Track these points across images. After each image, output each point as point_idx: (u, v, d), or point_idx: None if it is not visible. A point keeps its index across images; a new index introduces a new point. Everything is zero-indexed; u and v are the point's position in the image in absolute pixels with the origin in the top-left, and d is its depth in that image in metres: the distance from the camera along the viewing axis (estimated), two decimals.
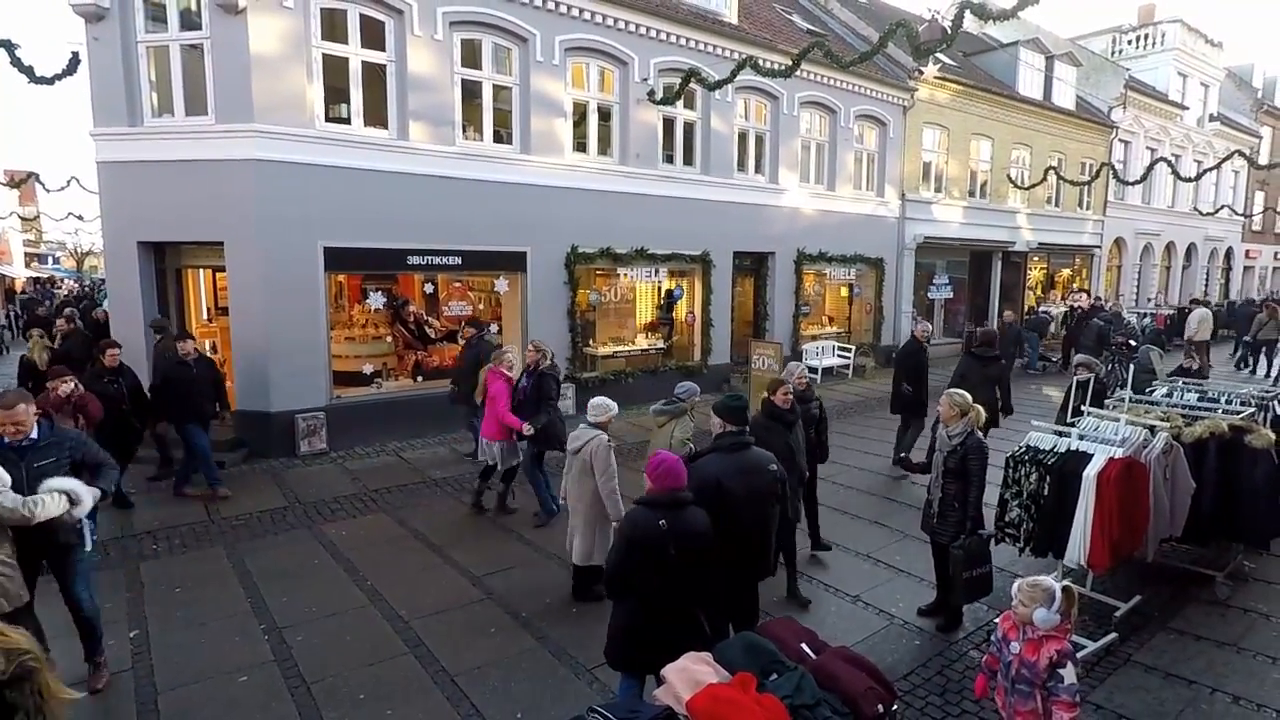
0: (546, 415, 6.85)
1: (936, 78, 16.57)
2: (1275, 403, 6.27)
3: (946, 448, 4.84)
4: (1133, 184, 20.44)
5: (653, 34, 11.76)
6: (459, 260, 10.23)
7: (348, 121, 9.41)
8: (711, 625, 3.60)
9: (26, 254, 38.77)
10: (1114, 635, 4.83)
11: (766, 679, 2.63)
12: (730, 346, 13.77)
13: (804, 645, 2.95)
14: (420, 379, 10.63)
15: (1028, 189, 19.13)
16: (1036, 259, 21.25)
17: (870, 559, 6.25)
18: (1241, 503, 5.36)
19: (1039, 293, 21.59)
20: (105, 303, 12.64)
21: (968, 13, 8.11)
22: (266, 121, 8.50)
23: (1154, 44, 25.40)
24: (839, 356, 15.20)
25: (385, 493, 7.89)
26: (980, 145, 18.44)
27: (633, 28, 11.51)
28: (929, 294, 17.36)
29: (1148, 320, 18.89)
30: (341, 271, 9.86)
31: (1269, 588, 5.74)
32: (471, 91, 10.34)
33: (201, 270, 10.44)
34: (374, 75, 9.47)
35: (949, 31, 8.41)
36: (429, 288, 10.77)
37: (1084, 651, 4.50)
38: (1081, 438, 5.07)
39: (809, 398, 6.21)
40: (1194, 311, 16.62)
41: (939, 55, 16.28)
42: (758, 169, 13.99)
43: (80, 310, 12.85)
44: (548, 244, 10.98)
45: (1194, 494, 5.30)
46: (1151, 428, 5.19)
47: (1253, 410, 5.95)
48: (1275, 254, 32.80)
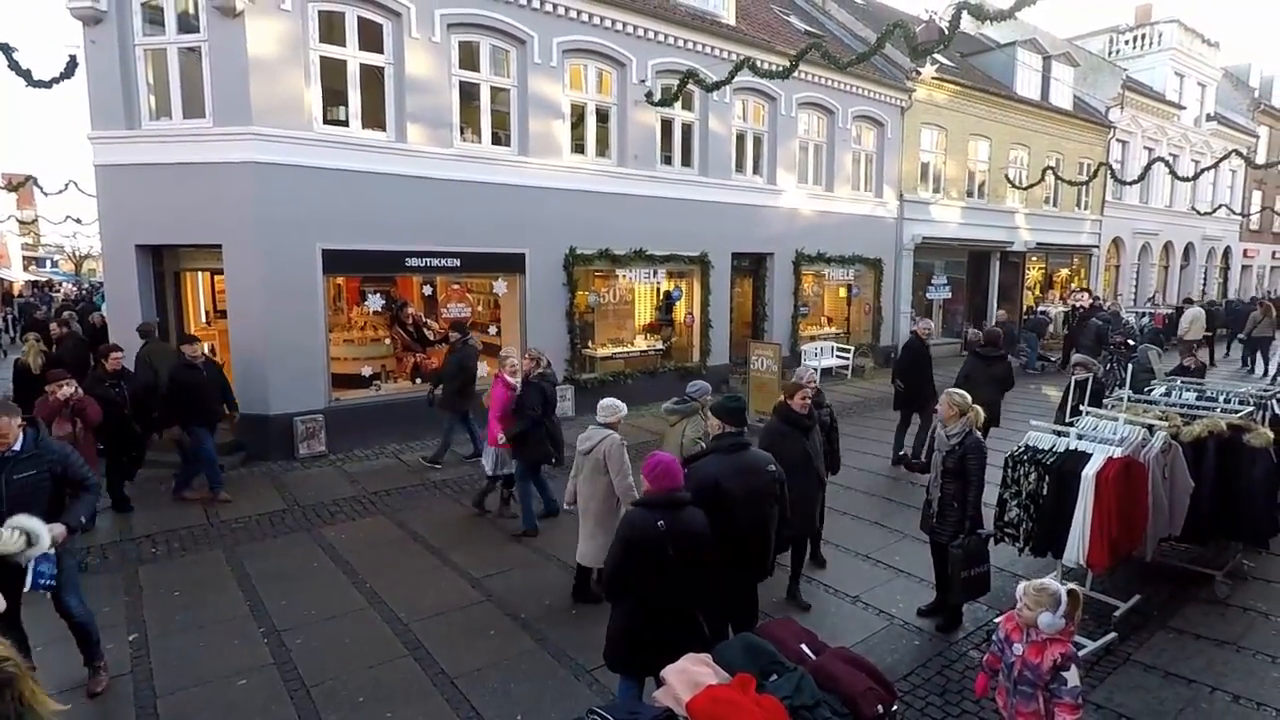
0: (523, 425, 6.51)
1: (934, 78, 16.59)
2: (1273, 401, 6.28)
3: (945, 447, 4.85)
4: (1130, 184, 20.47)
5: (650, 35, 11.78)
6: (457, 262, 10.24)
7: (346, 124, 9.41)
8: (711, 626, 3.60)
9: (24, 257, 38.75)
10: (1113, 634, 4.84)
11: (766, 680, 2.63)
12: (729, 347, 13.77)
13: (803, 646, 2.96)
14: (419, 381, 10.60)
15: (1026, 189, 19.16)
16: (1034, 259, 21.28)
17: (870, 559, 6.25)
18: (1240, 501, 5.38)
19: (1037, 293, 21.61)
20: (103, 307, 12.63)
21: (965, 13, 8.11)
22: (264, 124, 8.50)
23: (1151, 44, 25.46)
24: (838, 357, 15.20)
25: (384, 495, 7.89)
26: (978, 145, 18.47)
27: (630, 29, 11.52)
28: (927, 294, 17.38)
29: (1146, 320, 18.91)
30: (340, 274, 9.87)
31: (1268, 586, 5.75)
32: (469, 93, 10.35)
33: (200, 273, 10.43)
34: (372, 77, 9.47)
35: (946, 32, 8.42)
36: (427, 290, 10.77)
37: (1084, 651, 4.50)
38: (1080, 437, 5.08)
39: (820, 403, 6.07)
40: (1186, 311, 16.66)
41: (936, 56, 16.30)
42: (756, 170, 14.00)
43: (78, 314, 12.82)
44: (546, 246, 10.98)
45: (1193, 493, 5.30)
46: (1150, 427, 5.19)
47: (1251, 409, 5.97)
48: (1273, 253, 32.87)
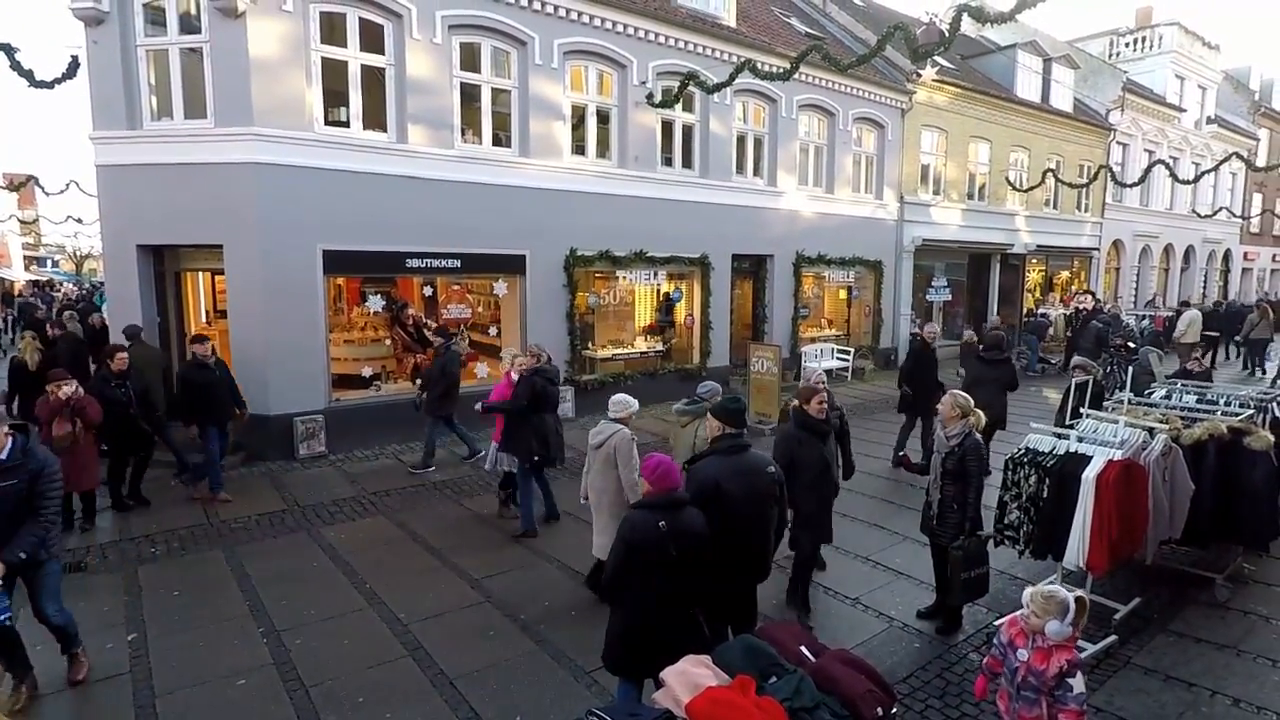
0: (499, 407, 6.67)
1: (934, 80, 16.60)
2: (1274, 405, 6.27)
3: (945, 449, 4.84)
4: (1131, 186, 20.45)
5: (651, 37, 11.79)
6: (458, 263, 10.24)
7: (347, 125, 9.41)
8: (710, 628, 3.59)
9: (25, 257, 38.77)
10: (1113, 637, 4.84)
11: (766, 682, 2.63)
12: (729, 349, 13.77)
13: (803, 648, 2.95)
14: (419, 382, 10.58)
15: (1026, 191, 19.17)
16: (1035, 261, 21.27)
17: (869, 561, 6.25)
18: (1241, 504, 5.37)
19: (1037, 295, 21.60)
20: (104, 307, 12.62)
21: (965, 16, 8.12)
22: (266, 125, 8.51)
23: (1152, 47, 25.47)
24: (838, 359, 15.20)
25: (384, 495, 7.89)
26: (978, 148, 18.47)
27: (631, 31, 11.53)
28: (927, 296, 17.37)
29: (1146, 322, 18.91)
30: (340, 274, 9.87)
31: (1269, 590, 5.74)
32: (470, 95, 10.35)
33: (200, 273, 10.43)
34: (373, 78, 9.48)
35: (947, 34, 8.42)
36: (428, 290, 10.77)
37: (1084, 654, 4.48)
38: (1080, 440, 5.08)
39: (832, 404, 5.89)
40: (1184, 314, 16.66)
41: (937, 58, 16.29)
42: (756, 171, 14.01)
43: (79, 314, 12.80)
44: (546, 247, 10.99)
45: (1193, 496, 5.29)
46: (1150, 430, 5.19)
47: (1251, 412, 5.96)
48: (1273, 256, 32.87)
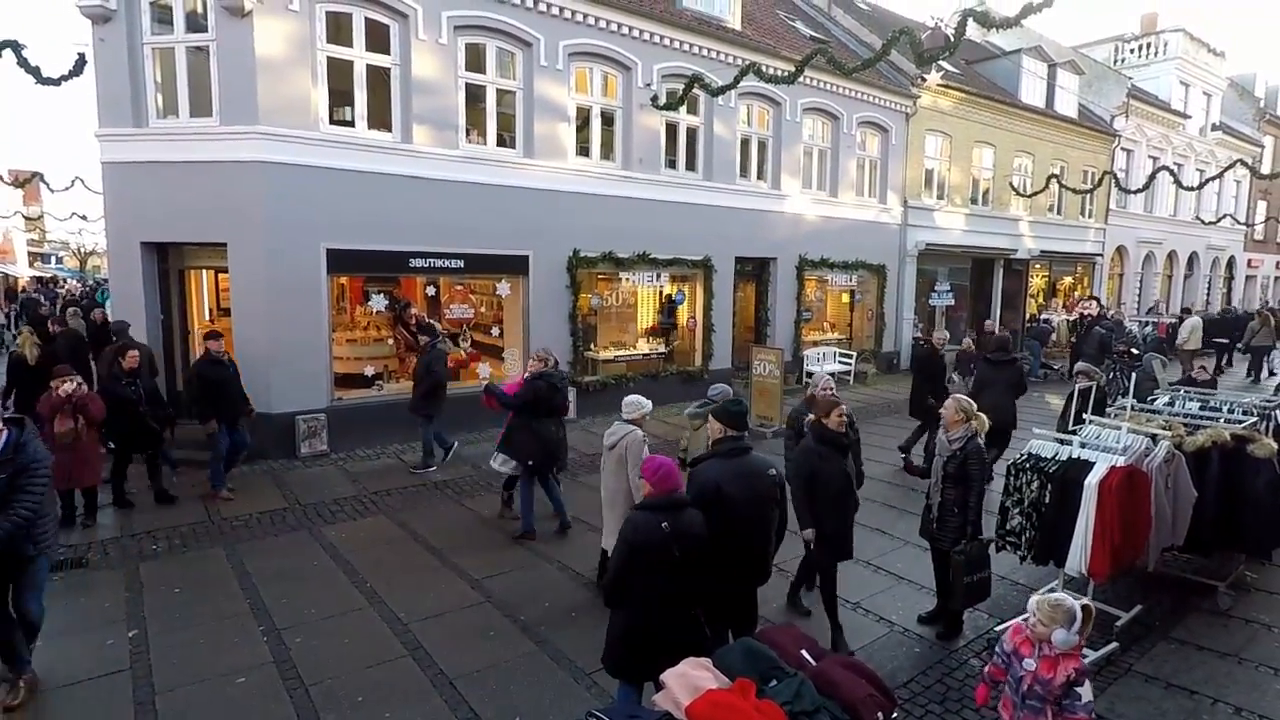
0: (505, 401, 6.68)
1: (939, 85, 16.61)
2: (1278, 412, 6.26)
3: (947, 452, 4.84)
4: (1135, 192, 20.36)
5: (656, 39, 11.80)
6: (461, 263, 10.25)
7: (352, 124, 9.44)
8: (710, 630, 3.59)
9: (30, 253, 38.89)
10: (1115, 645, 4.82)
11: (766, 685, 2.62)
12: (731, 352, 13.76)
13: (804, 652, 2.94)
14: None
15: (1030, 196, 19.14)
16: (1038, 266, 21.24)
17: (870, 566, 6.23)
18: (1244, 512, 5.35)
19: (1040, 300, 21.57)
20: (106, 303, 12.63)
21: (970, 20, 8.13)
22: (271, 124, 8.53)
23: (1156, 53, 25.45)
24: (840, 363, 15.18)
25: (385, 495, 7.89)
26: (982, 152, 18.46)
27: (636, 33, 11.55)
28: (930, 301, 17.33)
29: (1149, 329, 18.87)
30: (344, 273, 9.89)
31: (1271, 598, 5.72)
32: (475, 95, 10.37)
33: (204, 271, 10.44)
34: (378, 78, 9.50)
35: (952, 39, 8.42)
36: (431, 290, 10.77)
37: (1085, 661, 4.47)
38: (1083, 446, 5.06)
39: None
40: (1185, 321, 16.62)
41: (941, 63, 16.27)
42: (760, 174, 14.01)
43: (82, 309, 12.83)
44: (550, 248, 10.99)
45: (1196, 503, 5.28)
46: (1153, 436, 5.18)
47: (1255, 419, 5.94)
48: (1277, 263, 32.79)
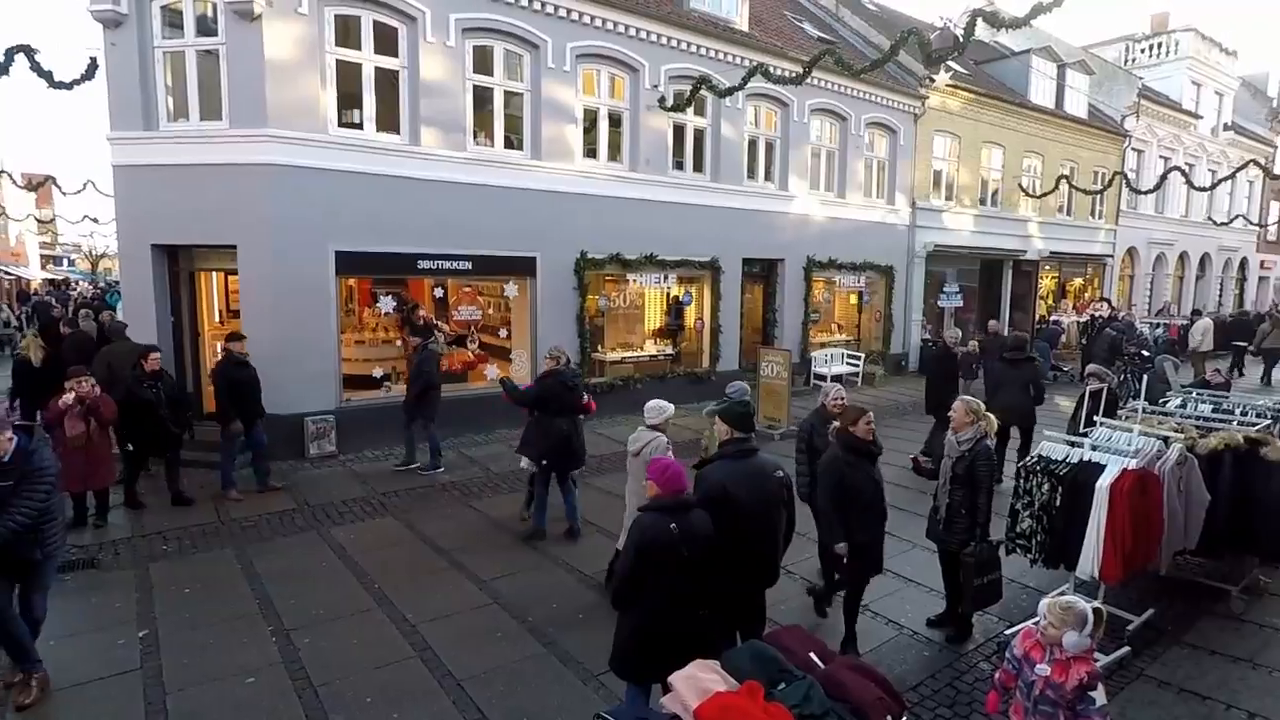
0: (518, 396, 6.81)
1: (948, 85, 16.54)
2: None
3: (955, 454, 4.81)
4: (1146, 193, 20.24)
5: (663, 41, 11.81)
6: (469, 265, 10.28)
7: (360, 127, 9.47)
8: (718, 633, 3.58)
9: (42, 256, 39.29)
10: (1127, 649, 4.78)
11: (774, 688, 2.61)
12: (739, 353, 13.73)
13: (812, 654, 2.93)
14: None
15: (1039, 197, 19.01)
16: (1048, 268, 21.11)
17: None
18: (1257, 516, 5.30)
19: (1050, 302, 21.44)
20: (117, 305, 12.72)
21: (979, 21, 8.09)
22: (280, 126, 8.58)
23: (1167, 52, 25.26)
24: (848, 364, 15.14)
25: (393, 496, 7.91)
26: (991, 153, 18.36)
27: (644, 35, 11.55)
28: (939, 302, 17.28)
29: (1160, 330, 18.72)
30: (352, 275, 9.92)
31: None
32: (483, 97, 10.41)
33: (214, 273, 10.49)
34: (387, 81, 9.54)
35: (960, 39, 8.38)
36: (439, 292, 10.81)
37: (1096, 665, 4.44)
38: (1094, 448, 5.03)
39: None
40: (1197, 323, 16.46)
41: (950, 63, 16.22)
42: (768, 176, 13.99)
43: (93, 311, 12.92)
44: (557, 249, 11.01)
45: (1208, 507, 5.23)
46: (1165, 439, 5.13)
47: (1269, 422, 5.89)
48: None
